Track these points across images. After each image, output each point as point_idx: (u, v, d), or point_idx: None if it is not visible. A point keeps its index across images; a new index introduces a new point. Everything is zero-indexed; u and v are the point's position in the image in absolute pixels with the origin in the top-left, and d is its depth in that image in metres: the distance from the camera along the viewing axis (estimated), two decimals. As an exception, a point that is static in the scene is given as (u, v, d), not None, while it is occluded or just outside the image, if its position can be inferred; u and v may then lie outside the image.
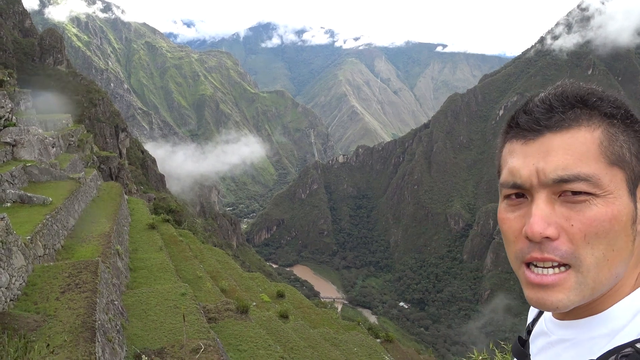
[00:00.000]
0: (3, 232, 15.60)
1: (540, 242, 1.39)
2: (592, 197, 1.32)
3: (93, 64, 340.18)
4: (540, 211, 1.38)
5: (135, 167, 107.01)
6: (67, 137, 48.24)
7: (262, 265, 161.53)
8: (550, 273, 1.39)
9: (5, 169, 26.64)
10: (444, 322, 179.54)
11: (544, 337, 1.59)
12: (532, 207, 1.41)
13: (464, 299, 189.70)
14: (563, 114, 1.39)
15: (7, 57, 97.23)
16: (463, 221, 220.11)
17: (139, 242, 33.78)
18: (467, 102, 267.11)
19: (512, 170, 1.47)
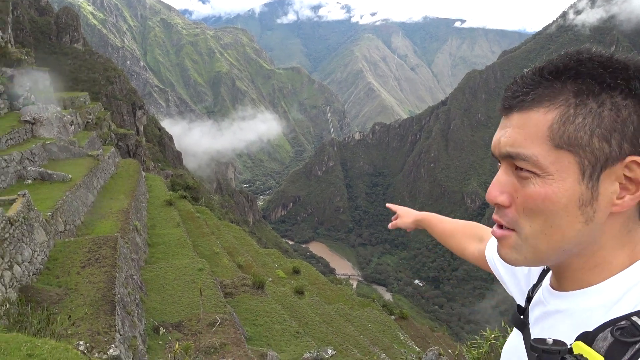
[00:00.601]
0: (25, 208, 15.97)
1: (496, 206, 1.48)
2: (534, 175, 1.37)
3: (109, 41, 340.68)
4: (496, 179, 1.47)
5: (153, 144, 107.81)
6: (85, 115, 48.75)
7: (278, 241, 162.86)
8: (499, 230, 1.50)
9: (25, 146, 27.10)
10: (458, 300, 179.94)
11: (541, 306, 1.62)
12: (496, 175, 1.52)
13: (479, 278, 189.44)
14: (524, 96, 1.41)
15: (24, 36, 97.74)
16: (479, 200, 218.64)
17: (157, 218, 34.26)
18: (485, 79, 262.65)
19: (494, 141, 1.55)
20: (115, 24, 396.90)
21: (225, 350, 16.34)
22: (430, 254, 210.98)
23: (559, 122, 1.34)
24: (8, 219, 14.33)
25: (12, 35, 73.78)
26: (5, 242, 13.73)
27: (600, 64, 1.37)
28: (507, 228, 1.48)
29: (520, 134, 1.40)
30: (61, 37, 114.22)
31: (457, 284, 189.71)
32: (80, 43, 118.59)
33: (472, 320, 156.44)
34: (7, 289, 12.87)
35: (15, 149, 25.68)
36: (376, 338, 30.68)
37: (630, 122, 1.29)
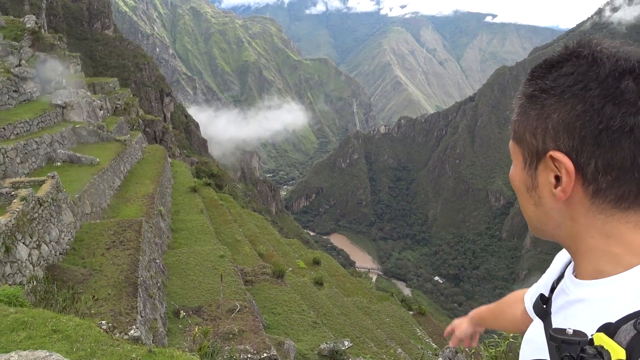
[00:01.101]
0: (53, 189, 16.37)
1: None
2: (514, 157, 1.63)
3: (139, 29, 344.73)
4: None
5: (179, 131, 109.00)
6: (114, 100, 49.55)
7: (300, 232, 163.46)
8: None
9: (55, 129, 27.71)
10: (478, 299, 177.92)
11: (564, 295, 1.62)
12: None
13: (500, 278, 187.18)
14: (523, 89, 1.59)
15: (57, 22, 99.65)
16: (504, 198, 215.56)
17: (181, 204, 34.73)
18: (515, 75, 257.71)
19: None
20: (145, 11, 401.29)
21: (243, 337, 16.55)
22: (451, 251, 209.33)
23: (517, 120, 1.59)
24: (37, 200, 14.72)
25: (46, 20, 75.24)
26: (34, 222, 14.11)
27: (543, 66, 1.54)
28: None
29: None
30: (93, 23, 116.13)
31: (478, 283, 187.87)
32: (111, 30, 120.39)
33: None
34: (35, 267, 13.26)
35: (46, 132, 26.29)
36: (393, 332, 30.67)
37: (550, 119, 1.42)
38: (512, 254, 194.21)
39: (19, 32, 34.98)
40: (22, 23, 36.41)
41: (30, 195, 14.32)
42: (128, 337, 11.01)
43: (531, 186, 1.54)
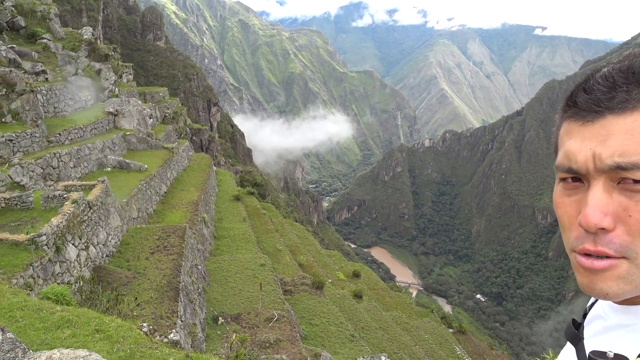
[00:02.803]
0: (103, 194, 16.94)
1: (595, 233, 1.32)
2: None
3: (189, 40, 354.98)
4: (597, 200, 1.30)
5: (225, 140, 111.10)
6: (163, 109, 51.01)
7: (341, 244, 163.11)
8: (603, 259, 1.33)
9: (107, 136, 28.75)
10: (521, 319, 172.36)
11: (601, 320, 1.52)
12: (588, 195, 1.34)
13: (545, 299, 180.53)
14: (627, 94, 1.29)
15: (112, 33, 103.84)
16: (551, 216, 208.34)
17: (224, 212, 35.29)
18: (565, 89, 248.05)
19: (568, 153, 1.39)
20: (195, 23, 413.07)
21: (279, 347, 16.57)
22: (495, 268, 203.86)
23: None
24: (88, 203, 15.28)
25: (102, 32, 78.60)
26: (84, 224, 14.64)
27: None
28: (611, 256, 1.32)
29: (632, 140, 1.26)
30: (145, 34, 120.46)
31: (521, 303, 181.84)
32: (163, 41, 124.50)
33: (535, 342, 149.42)
34: (82, 268, 13.73)
35: (98, 138, 27.33)
36: (432, 350, 30.05)
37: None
38: (559, 274, 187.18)
39: (77, 43, 36.64)
40: (80, 34, 38.13)
41: (81, 198, 14.87)
42: (167, 341, 11.21)
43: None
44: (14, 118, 21.57)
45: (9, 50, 26.12)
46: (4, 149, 19.32)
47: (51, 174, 20.70)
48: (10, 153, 19.67)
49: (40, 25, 35.28)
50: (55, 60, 31.70)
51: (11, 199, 14.80)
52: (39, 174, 19.76)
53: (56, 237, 12.57)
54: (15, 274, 10.73)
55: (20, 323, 7.75)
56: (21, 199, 14.82)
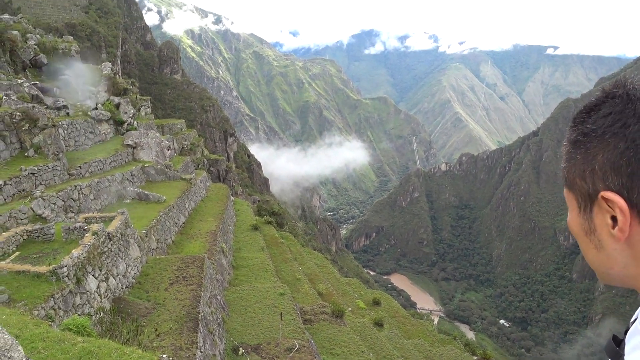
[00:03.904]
0: (123, 225, 17.06)
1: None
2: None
3: (205, 72, 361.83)
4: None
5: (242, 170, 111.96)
6: (181, 140, 51.70)
7: (360, 271, 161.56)
8: None
9: (126, 168, 29.14)
10: (547, 345, 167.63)
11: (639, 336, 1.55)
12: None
13: (572, 322, 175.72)
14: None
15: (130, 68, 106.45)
16: (573, 237, 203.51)
17: (243, 241, 35.29)
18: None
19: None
20: (211, 56, 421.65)
21: (301, 376, 16.29)
22: (518, 292, 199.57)
23: (567, 167, 1.62)
24: (108, 234, 15.39)
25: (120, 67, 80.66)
26: (104, 256, 14.72)
27: (583, 111, 1.63)
28: None
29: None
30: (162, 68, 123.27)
31: (547, 327, 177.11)
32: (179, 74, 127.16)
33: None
34: (102, 299, 13.74)
35: (117, 171, 27.72)
36: (458, 377, 29.30)
37: (595, 161, 1.45)
38: (584, 296, 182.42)
39: (97, 78, 37.58)
40: (100, 70, 39.12)
41: (101, 230, 15.00)
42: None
43: (589, 230, 1.53)
44: (37, 152, 22.03)
45: (32, 86, 26.85)
46: (26, 182, 19.67)
47: (72, 206, 20.98)
48: (32, 186, 20.02)
49: (62, 62, 36.35)
50: (76, 96, 32.49)
51: (33, 231, 14.99)
52: (60, 206, 20.03)
53: (77, 269, 12.65)
54: (36, 305, 10.77)
55: (43, 354, 7.74)
56: (43, 231, 15.00)
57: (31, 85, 27.09)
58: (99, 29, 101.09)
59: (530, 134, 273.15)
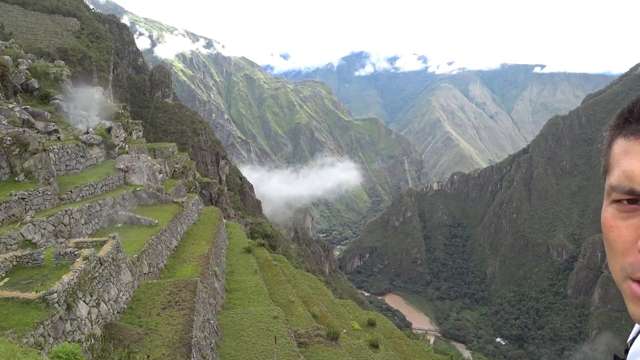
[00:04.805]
0: (114, 250, 16.86)
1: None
2: None
3: (197, 96, 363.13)
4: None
5: (234, 192, 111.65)
6: (173, 164, 51.55)
7: (354, 292, 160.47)
8: None
9: (118, 192, 28.94)
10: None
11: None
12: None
13: (568, 338, 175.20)
14: None
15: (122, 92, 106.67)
16: (567, 253, 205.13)
17: (236, 264, 35.00)
18: (569, 124, 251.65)
19: (629, 174, 1.31)
20: (202, 80, 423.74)
21: (297, 401, 16.00)
22: (513, 310, 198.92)
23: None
24: (99, 259, 15.19)
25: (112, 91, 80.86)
26: (95, 281, 14.50)
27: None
28: None
29: None
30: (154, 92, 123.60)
31: (543, 344, 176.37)
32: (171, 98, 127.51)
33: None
34: (93, 325, 13.49)
35: (109, 195, 27.52)
36: (456, 398, 28.91)
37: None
38: (580, 311, 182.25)
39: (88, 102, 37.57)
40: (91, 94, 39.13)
41: (92, 255, 14.80)
42: (182, 399, 10.83)
43: None
44: (27, 177, 21.85)
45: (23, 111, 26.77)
46: (16, 207, 19.45)
47: (62, 231, 20.73)
48: (22, 211, 19.79)
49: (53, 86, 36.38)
50: (67, 120, 32.42)
51: (23, 257, 14.76)
52: (51, 231, 19.79)
53: (67, 295, 12.43)
54: (25, 332, 10.54)
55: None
56: (32, 256, 14.78)
57: (22, 110, 27.01)
58: (91, 54, 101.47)
59: (520, 151, 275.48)
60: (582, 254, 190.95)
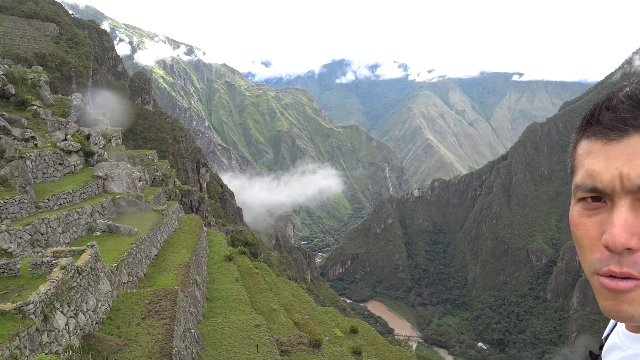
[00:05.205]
0: (92, 259, 16.58)
1: (620, 254, 1.30)
2: None
3: (177, 103, 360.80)
4: (624, 220, 1.29)
5: (215, 200, 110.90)
6: (153, 171, 51.04)
7: (336, 299, 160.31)
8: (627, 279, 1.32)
9: (96, 200, 28.51)
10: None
11: (619, 351, 1.52)
12: (614, 215, 1.32)
13: (548, 342, 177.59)
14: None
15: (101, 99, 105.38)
16: (546, 257, 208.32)
17: (217, 273, 34.68)
18: (547, 131, 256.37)
19: (591, 172, 1.37)
20: (183, 86, 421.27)
21: (280, 410, 15.87)
22: (494, 314, 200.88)
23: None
24: (77, 269, 14.91)
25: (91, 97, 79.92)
26: (73, 291, 14.22)
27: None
28: (635, 278, 1.31)
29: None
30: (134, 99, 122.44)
31: (524, 348, 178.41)
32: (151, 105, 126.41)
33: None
34: (71, 336, 13.21)
35: (87, 203, 27.08)
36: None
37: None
38: (559, 315, 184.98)
39: (66, 109, 37.04)
40: (70, 101, 38.62)
41: (70, 264, 14.53)
42: (162, 410, 10.67)
43: None
44: (3, 184, 21.40)
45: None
46: (-10, 218, 19.03)
47: (39, 240, 20.33)
48: (-3, 222, 19.35)
49: (31, 92, 35.76)
50: (44, 127, 31.90)
51: (-3, 268, 14.42)
52: (27, 240, 19.38)
53: (44, 305, 12.17)
54: (1, 345, 10.28)
55: (6, 399, 7.35)
56: (8, 266, 14.44)
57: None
58: (70, 60, 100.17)
59: (499, 158, 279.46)
60: (561, 258, 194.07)
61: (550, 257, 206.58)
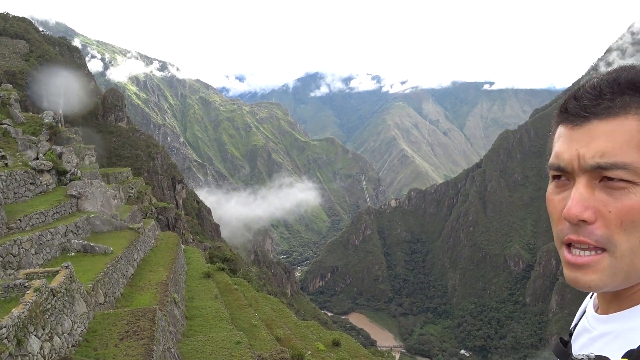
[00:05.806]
0: (67, 280, 16.15)
1: (577, 225, 1.46)
2: (632, 185, 1.38)
3: (151, 119, 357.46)
4: (579, 195, 1.46)
5: (191, 217, 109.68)
6: (127, 189, 50.26)
7: (317, 313, 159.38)
8: (586, 255, 1.48)
9: (70, 220, 27.87)
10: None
11: (587, 333, 1.65)
12: (572, 191, 1.51)
13: (530, 345, 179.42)
14: (611, 102, 1.44)
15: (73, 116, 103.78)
16: (523, 262, 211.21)
17: (195, 290, 34.18)
18: (519, 138, 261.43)
19: (557, 153, 1.58)
20: (157, 103, 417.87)
21: None
22: (475, 321, 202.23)
23: None
24: (51, 290, 14.48)
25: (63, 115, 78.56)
26: (47, 313, 13.79)
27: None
28: (593, 250, 1.47)
29: (612, 142, 1.41)
30: (107, 116, 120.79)
31: (506, 353, 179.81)
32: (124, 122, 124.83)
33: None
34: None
35: (60, 222, 26.45)
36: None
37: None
38: (539, 318, 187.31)
39: (38, 127, 36.28)
40: (41, 119, 37.87)
41: (44, 286, 14.12)
42: None
43: None
44: (-30, 209, 20.76)
45: (-35, 140, 25.58)
46: (-41, 242, 18.40)
47: (11, 262, 19.73)
48: (-34, 245, 18.73)
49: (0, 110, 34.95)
50: (15, 146, 31.17)
51: (-33, 293, 13.91)
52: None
53: (17, 329, 11.75)
54: (-29, 374, 9.88)
55: None
56: (-22, 292, 13.95)
57: (-36, 138, 25.82)
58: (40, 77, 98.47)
59: (474, 166, 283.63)
60: (538, 262, 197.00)
61: (527, 261, 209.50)
